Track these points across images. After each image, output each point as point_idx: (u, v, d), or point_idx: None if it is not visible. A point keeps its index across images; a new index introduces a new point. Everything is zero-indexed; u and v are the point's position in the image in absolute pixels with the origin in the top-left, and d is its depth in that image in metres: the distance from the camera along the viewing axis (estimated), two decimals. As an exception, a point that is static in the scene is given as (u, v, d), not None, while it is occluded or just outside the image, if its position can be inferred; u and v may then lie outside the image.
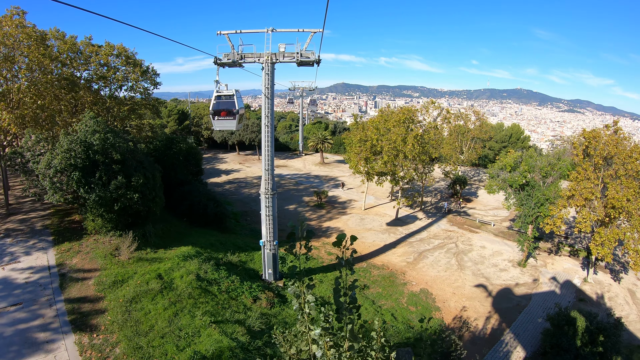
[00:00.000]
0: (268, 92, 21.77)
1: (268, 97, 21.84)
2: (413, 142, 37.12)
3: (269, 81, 21.67)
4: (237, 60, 22.07)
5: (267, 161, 22.91)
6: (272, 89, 21.90)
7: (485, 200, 55.96)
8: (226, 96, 20.54)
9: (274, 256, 25.01)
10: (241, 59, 22.18)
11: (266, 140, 22.54)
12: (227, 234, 33.49)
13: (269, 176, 23.22)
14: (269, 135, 22.45)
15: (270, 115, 22.07)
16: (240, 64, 22.40)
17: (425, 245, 38.67)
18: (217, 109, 20.76)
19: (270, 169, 23.14)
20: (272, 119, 22.27)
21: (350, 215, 44.55)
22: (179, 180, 37.25)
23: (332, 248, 34.74)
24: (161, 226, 29.83)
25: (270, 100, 21.93)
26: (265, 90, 21.74)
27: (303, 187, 55.65)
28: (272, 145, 22.84)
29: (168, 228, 30.55)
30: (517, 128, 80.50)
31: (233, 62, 22.00)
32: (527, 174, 35.69)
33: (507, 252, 38.97)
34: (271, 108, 22.05)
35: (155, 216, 28.93)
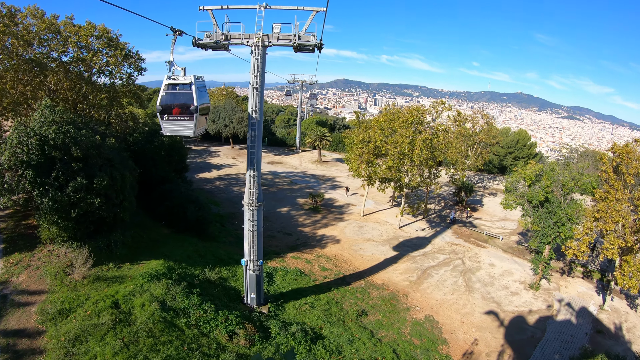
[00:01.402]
0: (257, 82, 17.41)
1: (257, 88, 17.48)
2: (421, 147, 32.92)
3: (259, 68, 17.30)
4: (220, 41, 17.66)
5: (254, 165, 18.59)
6: (262, 79, 17.54)
7: (491, 209, 52.02)
8: (181, 86, 14.11)
9: (258, 278, 20.82)
10: (226, 40, 17.78)
11: (252, 141, 18.20)
12: (208, 242, 29.24)
13: (254, 184, 18.93)
14: (257, 135, 18.12)
15: (258, 110, 17.73)
16: (224, 46, 17.99)
17: (429, 260, 34.66)
18: (167, 104, 14.26)
19: (256, 176, 18.83)
20: (260, 114, 17.94)
21: (347, 221, 40.40)
22: (159, 178, 32.88)
23: (326, 262, 30.62)
24: (132, 233, 25.57)
25: (259, 93, 17.58)
26: (254, 79, 17.36)
27: (298, 187, 51.38)
28: (259, 146, 18.51)
29: (140, 235, 26.27)
30: (524, 134, 76.37)
31: (216, 44, 17.58)
32: (549, 189, 31.68)
33: (518, 272, 35.20)
34: (260, 102, 17.69)
35: (124, 223, 24.61)
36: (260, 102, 17.74)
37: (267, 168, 59.58)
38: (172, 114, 14.26)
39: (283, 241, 33.96)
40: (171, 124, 14.44)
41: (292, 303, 23.20)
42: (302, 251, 31.85)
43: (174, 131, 14.66)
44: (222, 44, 17.79)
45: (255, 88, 17.41)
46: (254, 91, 17.45)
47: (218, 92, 76.58)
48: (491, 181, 68.48)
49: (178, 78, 14.15)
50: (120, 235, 24.16)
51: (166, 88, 14.24)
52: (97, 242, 22.46)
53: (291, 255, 30.38)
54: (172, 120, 14.40)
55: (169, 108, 14.28)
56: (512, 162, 73.57)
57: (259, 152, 18.73)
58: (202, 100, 14.62)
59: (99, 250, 22.15)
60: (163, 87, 14.32)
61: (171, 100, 14.32)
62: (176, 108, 14.21)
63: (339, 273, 29.15)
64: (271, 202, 43.90)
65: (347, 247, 34.28)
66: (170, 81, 14.22)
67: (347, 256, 32.70)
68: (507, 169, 73.88)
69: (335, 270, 29.46)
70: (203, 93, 14.91)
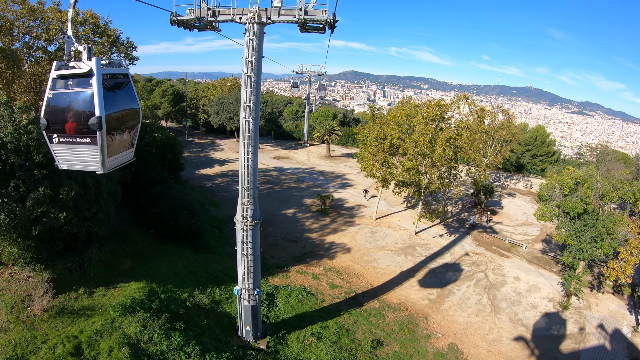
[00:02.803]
0: (252, 70, 13.09)
1: (252, 78, 13.17)
2: (445, 147, 28.40)
3: (254, 52, 12.96)
4: (205, 17, 13.33)
5: (248, 174, 14.41)
6: (258, 65, 13.19)
7: (511, 212, 47.38)
8: (77, 80, 7.96)
9: (254, 309, 16.81)
10: (213, 16, 13.45)
11: (246, 143, 13.97)
12: (202, 254, 25.29)
13: (249, 198, 14.78)
14: (252, 136, 13.88)
15: (254, 105, 13.45)
16: (211, 24, 13.66)
17: (449, 274, 30.41)
18: (56, 115, 8.18)
19: (251, 188, 14.66)
20: (256, 110, 13.67)
21: (358, 226, 36.18)
22: (149, 179, 28.94)
23: (336, 277, 26.55)
24: (113, 247, 21.73)
25: (255, 83, 13.26)
26: (248, 66, 13.04)
27: (305, 185, 47.18)
28: (255, 150, 14.28)
29: (123, 249, 22.37)
30: (543, 130, 70.90)
31: (199, 20, 13.24)
32: (589, 199, 27.11)
33: (545, 287, 30.99)
34: (256, 94, 13.37)
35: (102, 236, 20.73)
36: (257, 95, 13.44)
37: (273, 164, 55.42)
38: (64, 131, 8.28)
39: (287, 250, 29.93)
40: (65, 150, 8.53)
41: (295, 334, 19.20)
42: (308, 263, 27.80)
43: (72, 164, 8.79)
44: (208, 21, 13.44)
45: (249, 77, 13.09)
46: (248, 81, 13.14)
47: (223, 83, 72.23)
48: (508, 180, 63.51)
49: (74, 68, 7.97)
50: (97, 251, 20.32)
51: (55, 85, 8.20)
52: (66, 262, 18.66)
53: (296, 269, 26.33)
54: (64, 143, 8.34)
55: (60, 121, 8.27)
56: (530, 160, 68.52)
57: (255, 157, 14.52)
58: (118, 104, 8.72)
59: (69, 272, 18.37)
60: (49, 83, 8.15)
61: (62, 108, 8.23)
62: (70, 121, 8.16)
63: (349, 291, 25.07)
64: (276, 202, 39.83)
65: (359, 258, 30.15)
66: (61, 72, 8.09)
67: (359, 269, 28.59)
68: (524, 167, 68.89)
69: (345, 287, 25.38)
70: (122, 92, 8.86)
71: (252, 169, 14.17)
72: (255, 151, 14.16)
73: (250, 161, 14.04)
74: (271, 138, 74.59)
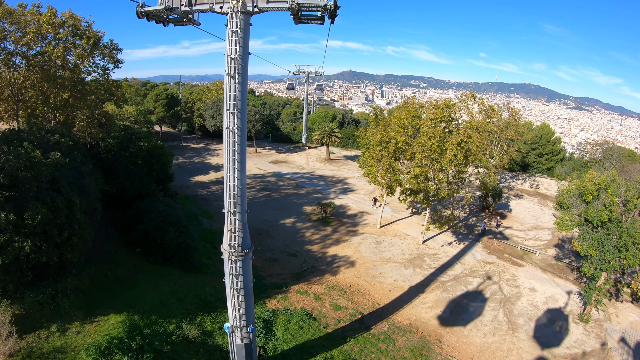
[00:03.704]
0: (236, 69, 10.63)
1: (235, 78, 10.70)
2: (456, 151, 25.97)
3: (238, 47, 10.51)
4: (178, 7, 10.90)
5: (235, 196, 11.97)
6: (243, 63, 10.70)
7: (520, 215, 45.00)
8: None
9: (248, 348, 14.34)
10: (188, 5, 11.01)
11: (231, 158, 11.52)
12: (192, 275, 22.82)
13: (237, 224, 12.34)
14: (237, 148, 11.43)
15: (238, 112, 10.99)
16: (186, 16, 11.21)
17: (462, 287, 28.00)
18: None
19: (239, 212, 12.21)
20: (242, 117, 11.21)
21: (362, 236, 33.72)
22: (136, 192, 26.52)
23: (340, 296, 24.09)
24: (92, 271, 19.32)
25: (240, 85, 10.79)
26: (230, 64, 10.58)
27: (305, 191, 44.71)
28: (241, 166, 11.83)
29: (104, 274, 19.94)
30: (548, 129, 68.46)
31: (170, 11, 10.79)
32: (615, 207, 24.69)
33: (562, 298, 28.89)
34: (241, 99, 10.90)
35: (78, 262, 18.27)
36: (242, 100, 10.97)
37: (271, 168, 52.94)
38: None
39: (286, 266, 27.48)
40: None
41: (296, 370, 16.80)
42: (309, 280, 25.34)
43: None
44: (182, 12, 10.99)
45: (232, 78, 10.62)
46: (231, 82, 10.67)
47: (218, 86, 69.62)
48: (514, 180, 61.11)
49: None
50: (73, 279, 17.91)
51: None
52: (37, 294, 16.26)
53: (296, 288, 23.86)
54: None
55: None
56: (536, 159, 66.16)
57: (243, 174, 12.07)
58: None
59: (39, 306, 15.99)
60: None
61: None
62: None
63: (355, 312, 22.61)
64: (273, 211, 37.35)
65: (364, 272, 27.70)
66: None
67: (365, 285, 26.14)
68: (529, 166, 66.53)
69: (351, 308, 22.92)
70: None
71: (239, 189, 11.72)
72: (243, 167, 11.71)
73: (237, 180, 11.59)
74: (269, 141, 72.12)
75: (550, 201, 52.30)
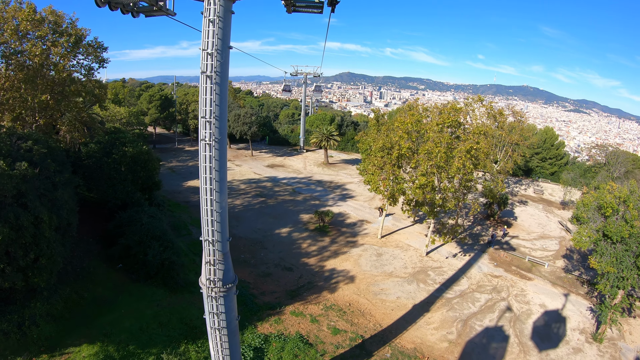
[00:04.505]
0: (212, 66, 8.49)
1: (212, 78, 8.57)
2: (464, 159, 23.93)
3: (217, 39, 8.40)
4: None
5: (213, 222, 9.79)
6: (222, 58, 8.55)
7: (526, 223, 43.06)
8: None
9: (233, 394, 12.21)
10: (157, -11, 8.92)
11: (208, 177, 9.36)
12: (177, 295, 20.63)
13: (216, 255, 10.18)
14: (214, 165, 9.28)
15: (216, 120, 8.86)
16: (157, 5, 9.12)
17: (469, 304, 25.95)
18: None
19: (219, 240, 10.05)
20: (222, 125, 9.08)
21: (362, 247, 31.62)
22: (119, 202, 24.39)
23: (338, 318, 21.95)
24: (66, 293, 17.21)
25: (219, 87, 8.66)
26: (207, 59, 8.45)
27: (302, 197, 42.58)
28: (221, 187, 9.67)
29: (79, 295, 17.85)
30: (551, 132, 66.59)
31: (134, -5, 8.69)
32: (636, 221, 22.68)
33: (574, 315, 27.02)
34: (220, 103, 8.76)
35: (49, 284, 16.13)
36: (221, 105, 8.84)
37: (267, 173, 50.78)
38: None
39: (281, 281, 25.33)
40: None
41: (289, 411, 14.68)
42: (305, 299, 23.19)
43: None
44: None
45: (209, 77, 8.50)
46: (207, 83, 8.55)
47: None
48: (517, 185, 59.24)
49: None
50: (44, 303, 15.81)
51: None
52: (1, 322, 14.16)
53: (291, 309, 21.71)
54: None
55: None
56: (539, 164, 64.25)
57: (223, 196, 9.90)
58: None
59: (4, 336, 13.90)
60: None
61: None
62: None
63: (355, 336, 20.48)
64: (269, 219, 35.19)
65: (364, 289, 25.59)
66: None
67: (365, 304, 24.03)
68: (532, 171, 64.61)
69: (350, 331, 20.80)
70: None
71: (218, 213, 9.59)
72: (222, 187, 9.58)
73: (216, 203, 9.46)
74: (265, 144, 69.98)
75: (555, 207, 50.45)
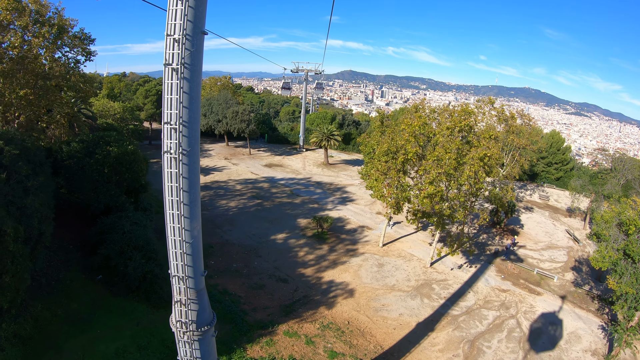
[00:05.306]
0: (179, 56, 6.44)
1: (179, 71, 6.51)
2: (477, 167, 21.90)
3: (186, 21, 6.31)
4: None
5: (182, 255, 7.74)
6: (195, 45, 6.51)
7: (533, 232, 41.19)
8: None
9: None
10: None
11: (174, 200, 7.28)
12: (160, 311, 18.57)
13: (188, 293, 8.15)
14: (183, 185, 7.21)
15: (184, 127, 6.80)
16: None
17: (476, 323, 24.01)
18: None
19: (191, 275, 8.01)
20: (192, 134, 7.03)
21: (362, 256, 29.63)
22: (102, 206, 22.36)
23: (336, 339, 19.96)
24: (38, 311, 15.26)
25: (188, 83, 6.60)
26: (173, 47, 6.42)
27: (300, 200, 40.55)
28: (192, 212, 7.62)
29: (53, 312, 15.92)
30: (558, 136, 64.57)
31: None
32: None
33: (585, 335, 25.39)
34: (190, 104, 6.73)
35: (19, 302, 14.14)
36: (192, 107, 6.80)
37: (264, 173, 48.69)
38: None
39: (275, 295, 23.33)
40: None
41: None
42: (300, 316, 21.20)
43: None
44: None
45: (175, 70, 6.45)
46: (173, 79, 6.51)
47: (211, 82, 65.12)
48: (522, 191, 57.27)
49: None
50: (11, 323, 13.86)
51: None
52: None
53: (284, 328, 19.72)
54: None
55: None
56: (544, 169, 62.24)
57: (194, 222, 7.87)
58: None
59: None
60: None
61: None
62: None
63: (355, 361, 18.55)
64: (264, 224, 33.15)
65: (364, 304, 23.62)
66: None
67: (365, 322, 22.06)
68: (537, 176, 62.60)
69: (349, 354, 18.81)
70: None
71: (189, 244, 7.56)
72: (194, 212, 7.55)
73: (185, 232, 7.42)
74: (264, 142, 67.84)
75: (562, 215, 48.56)
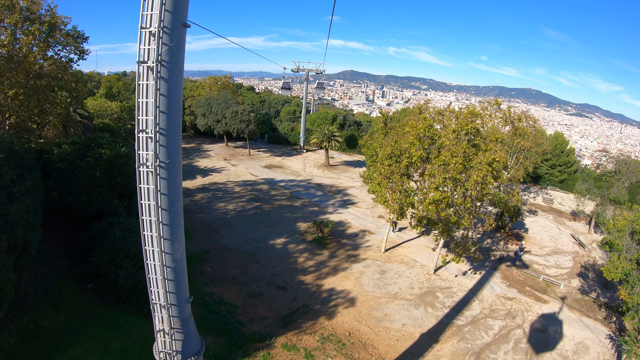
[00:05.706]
0: (156, 52, 5.46)
1: (158, 70, 5.52)
2: (485, 172, 20.90)
3: (164, 13, 5.31)
4: None
5: (162, 280, 6.76)
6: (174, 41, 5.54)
7: (538, 236, 40.21)
8: None
9: None
10: None
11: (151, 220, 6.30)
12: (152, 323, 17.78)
13: (171, 322, 7.20)
14: (163, 202, 6.24)
15: (161, 135, 5.82)
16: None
17: (481, 333, 23.03)
18: None
19: (174, 302, 7.03)
20: (173, 143, 6.05)
21: (364, 262, 28.64)
22: (94, 210, 21.41)
23: (337, 352, 18.94)
24: (23, 323, 14.38)
25: (166, 84, 5.61)
26: (149, 44, 5.43)
27: (300, 202, 39.57)
28: (174, 232, 6.67)
29: (38, 324, 15.03)
30: (562, 138, 63.55)
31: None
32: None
33: (593, 345, 24.47)
34: (167, 110, 5.76)
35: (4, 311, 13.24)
36: (171, 112, 5.81)
37: (264, 174, 47.72)
38: None
39: (273, 304, 22.34)
40: None
41: None
42: (300, 328, 20.22)
43: None
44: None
45: (151, 69, 5.47)
46: (149, 78, 5.52)
47: (211, 82, 64.14)
48: (526, 193, 56.28)
49: None
50: None
51: None
52: None
53: (282, 341, 18.74)
54: None
55: None
56: (548, 171, 61.22)
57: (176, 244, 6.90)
58: None
59: None
60: None
61: None
62: None
63: (356, 377, 17.59)
64: (263, 228, 32.18)
65: (366, 314, 22.64)
66: None
67: (367, 333, 21.08)
68: (541, 178, 61.60)
69: (350, 369, 17.89)
70: None
71: (170, 269, 6.58)
72: (176, 232, 6.57)
73: (166, 255, 6.45)
74: (264, 142, 66.87)
75: (566, 218, 47.58)
